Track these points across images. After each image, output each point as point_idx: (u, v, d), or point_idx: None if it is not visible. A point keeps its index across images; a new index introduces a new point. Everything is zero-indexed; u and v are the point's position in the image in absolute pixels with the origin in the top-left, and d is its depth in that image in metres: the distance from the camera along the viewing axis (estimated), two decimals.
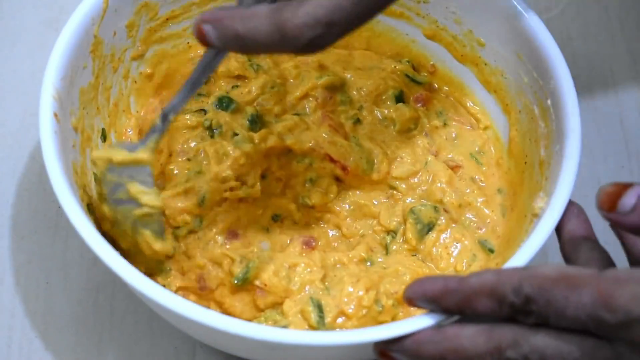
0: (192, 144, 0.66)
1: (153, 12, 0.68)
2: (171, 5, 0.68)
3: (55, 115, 0.59)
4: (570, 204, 0.58)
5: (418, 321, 0.52)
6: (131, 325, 0.66)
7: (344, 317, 0.60)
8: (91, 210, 0.60)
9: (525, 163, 0.65)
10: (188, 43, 0.71)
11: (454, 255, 0.65)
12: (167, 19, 0.69)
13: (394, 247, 0.66)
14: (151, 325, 0.66)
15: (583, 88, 0.76)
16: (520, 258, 0.55)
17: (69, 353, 0.65)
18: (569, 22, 0.80)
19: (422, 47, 0.72)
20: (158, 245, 0.60)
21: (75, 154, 0.61)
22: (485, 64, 0.69)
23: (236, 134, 0.65)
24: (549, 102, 0.62)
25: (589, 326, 0.47)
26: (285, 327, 0.59)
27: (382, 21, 0.72)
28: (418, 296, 0.52)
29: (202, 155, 0.65)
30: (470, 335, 0.50)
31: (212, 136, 0.66)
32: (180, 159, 0.65)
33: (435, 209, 0.66)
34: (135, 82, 0.69)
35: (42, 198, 0.70)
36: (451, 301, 0.51)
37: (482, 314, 0.50)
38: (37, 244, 0.69)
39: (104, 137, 0.66)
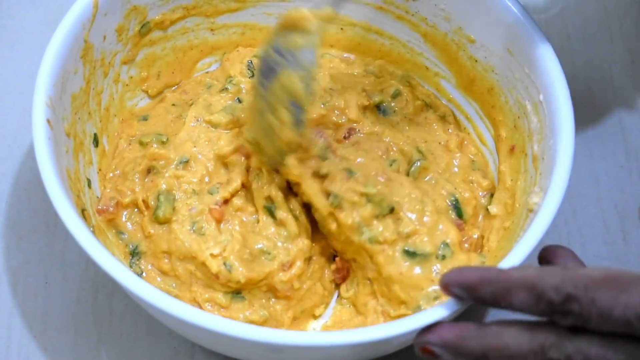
0: None
1: (142, 15, 0.68)
2: (160, 9, 0.68)
3: (49, 121, 0.59)
4: (559, 248, 0.56)
5: (410, 321, 0.53)
6: (130, 325, 0.66)
7: None
8: (86, 216, 0.60)
9: None
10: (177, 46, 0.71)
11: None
12: (156, 23, 0.69)
13: None
14: (150, 325, 0.66)
15: (582, 88, 0.76)
16: (517, 253, 0.55)
17: (67, 353, 0.65)
18: (567, 22, 0.80)
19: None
20: (289, 133, 0.61)
21: (69, 159, 0.61)
22: (476, 61, 0.69)
23: None
24: (541, 97, 0.62)
25: (636, 327, 0.47)
26: None
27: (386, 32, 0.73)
28: (455, 283, 0.51)
29: None
30: (514, 334, 0.49)
31: None
32: None
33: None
34: (127, 85, 0.69)
35: (40, 198, 0.70)
36: (488, 290, 0.50)
37: (517, 308, 0.49)
38: (35, 244, 0.69)
39: (95, 142, 0.66)
